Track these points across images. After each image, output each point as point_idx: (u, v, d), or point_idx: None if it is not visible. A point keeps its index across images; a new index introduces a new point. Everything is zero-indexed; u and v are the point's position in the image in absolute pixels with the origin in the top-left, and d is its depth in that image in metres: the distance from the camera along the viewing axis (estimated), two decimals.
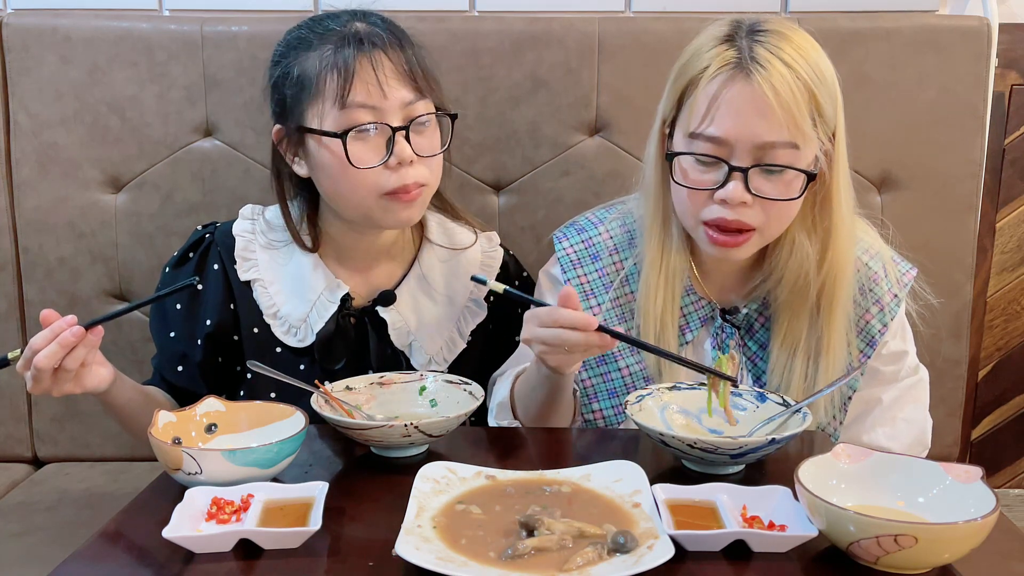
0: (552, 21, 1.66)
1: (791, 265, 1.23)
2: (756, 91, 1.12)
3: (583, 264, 1.34)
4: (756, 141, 1.13)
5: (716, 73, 1.15)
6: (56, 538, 1.43)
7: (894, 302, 1.30)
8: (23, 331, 1.71)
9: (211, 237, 1.40)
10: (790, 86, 1.12)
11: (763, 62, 1.12)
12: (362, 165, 1.24)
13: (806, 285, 1.23)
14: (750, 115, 1.13)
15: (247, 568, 0.84)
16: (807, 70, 1.13)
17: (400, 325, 1.39)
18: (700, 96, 1.16)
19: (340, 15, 1.30)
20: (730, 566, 0.84)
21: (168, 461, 0.98)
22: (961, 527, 0.80)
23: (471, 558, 0.82)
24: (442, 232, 1.45)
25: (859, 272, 1.28)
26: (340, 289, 1.36)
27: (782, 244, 1.24)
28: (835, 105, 1.18)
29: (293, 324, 1.36)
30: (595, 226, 1.36)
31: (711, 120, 1.15)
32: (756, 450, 1.00)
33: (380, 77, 1.23)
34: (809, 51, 1.15)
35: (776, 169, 1.15)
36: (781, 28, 1.17)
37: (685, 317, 1.29)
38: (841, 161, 1.21)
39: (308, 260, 1.37)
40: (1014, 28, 1.76)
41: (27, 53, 1.65)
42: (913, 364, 1.35)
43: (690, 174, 1.19)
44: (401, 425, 1.03)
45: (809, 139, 1.14)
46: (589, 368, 1.32)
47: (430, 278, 1.42)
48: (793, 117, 1.12)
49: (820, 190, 1.21)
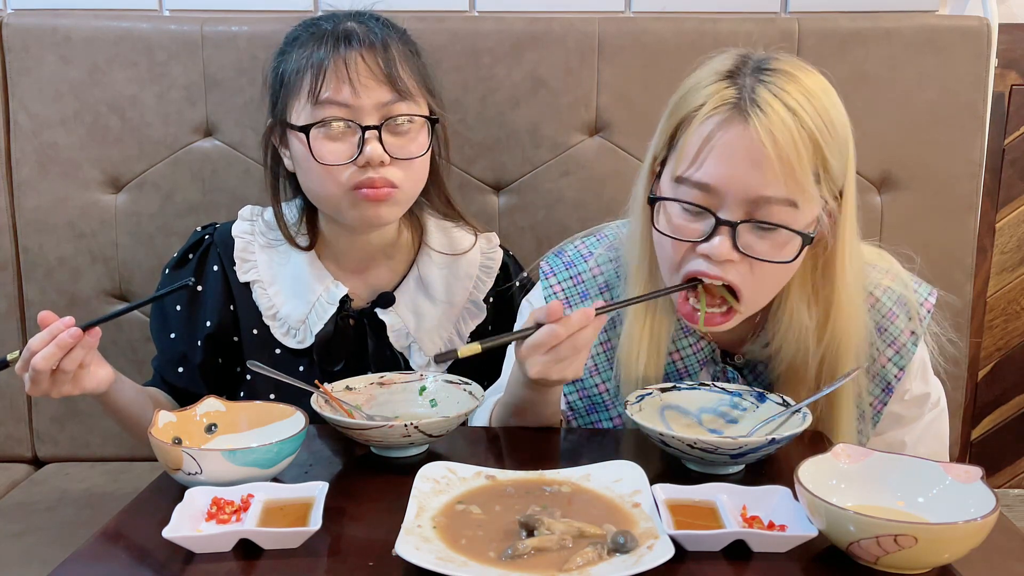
0: (552, 21, 1.66)
1: (788, 337, 1.13)
2: (753, 138, 1.00)
3: (572, 302, 1.24)
4: (749, 194, 1.02)
5: (711, 113, 1.03)
6: (56, 538, 1.43)
7: (911, 340, 1.18)
8: (23, 331, 1.71)
9: (210, 238, 1.40)
10: (792, 135, 1.00)
11: (763, 105, 1.00)
12: (329, 161, 1.24)
13: (805, 357, 1.13)
14: (744, 164, 1.01)
15: (247, 568, 0.84)
16: (814, 118, 1.01)
17: (399, 327, 1.39)
18: (692, 137, 1.05)
19: (338, 15, 1.31)
20: (730, 566, 0.84)
21: (168, 461, 0.98)
22: (961, 527, 0.80)
23: (471, 558, 0.82)
24: (441, 236, 1.45)
25: (872, 309, 1.17)
26: (339, 290, 1.37)
27: (779, 315, 1.13)
28: (844, 160, 1.06)
29: (292, 325, 1.36)
30: (584, 260, 1.26)
31: (700, 165, 1.03)
32: (756, 450, 1.00)
33: (352, 75, 1.23)
34: (819, 96, 1.03)
35: (769, 227, 1.03)
36: (791, 68, 1.05)
37: (683, 360, 1.21)
38: (848, 223, 1.08)
39: (306, 261, 1.37)
40: (1014, 28, 1.76)
41: (27, 53, 1.65)
42: (936, 399, 1.25)
43: (674, 220, 1.07)
44: (401, 425, 1.03)
45: (810, 197, 1.02)
46: (580, 416, 1.26)
47: (429, 280, 1.41)
48: (793, 171, 1.00)
49: (822, 254, 1.10)
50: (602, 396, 1.25)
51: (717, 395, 1.16)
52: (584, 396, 1.26)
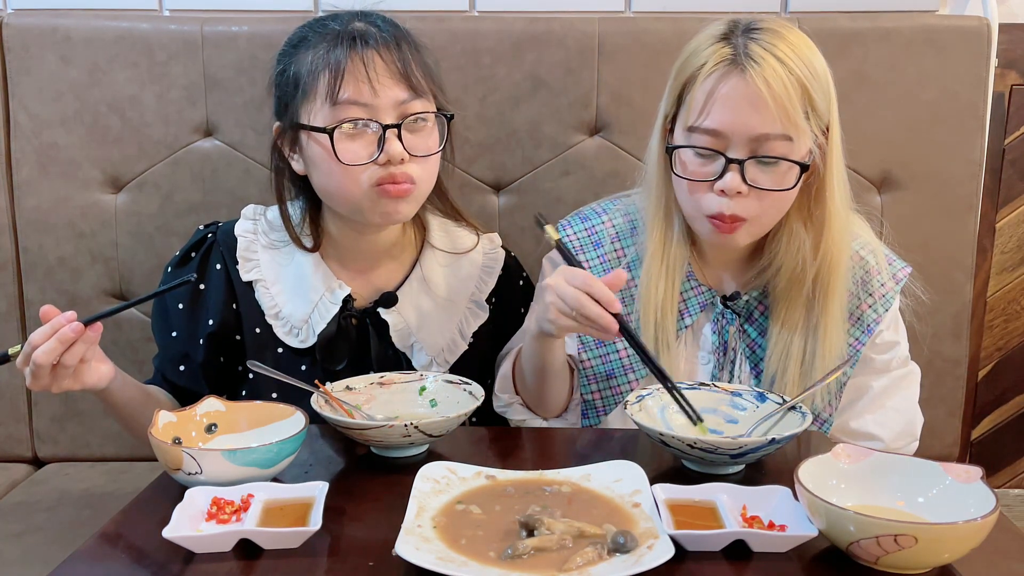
0: (552, 21, 1.66)
1: (788, 253, 1.27)
2: (750, 86, 1.16)
3: (585, 250, 1.36)
4: (751, 133, 1.17)
5: (712, 69, 1.19)
6: (56, 538, 1.43)
7: (890, 294, 1.34)
8: (23, 330, 1.71)
9: (213, 237, 1.40)
10: (783, 81, 1.15)
11: (757, 58, 1.16)
12: (351, 161, 1.24)
13: (803, 272, 1.26)
14: (745, 109, 1.17)
15: (247, 568, 0.84)
16: (800, 66, 1.17)
17: (401, 327, 1.39)
18: (698, 92, 1.20)
19: (342, 15, 1.31)
20: (730, 566, 0.84)
21: (168, 461, 0.98)
22: (961, 527, 0.80)
23: (471, 558, 0.82)
24: (444, 235, 1.45)
25: (856, 264, 1.32)
26: (342, 290, 1.36)
27: (780, 233, 1.27)
28: (828, 100, 1.21)
29: (295, 325, 1.36)
30: (598, 215, 1.39)
31: (708, 114, 1.19)
32: (756, 450, 1.00)
33: (371, 75, 1.23)
34: (803, 48, 1.19)
35: (771, 160, 1.18)
36: (776, 27, 1.20)
37: (685, 302, 1.32)
38: (835, 154, 1.24)
39: (309, 260, 1.37)
40: (1014, 28, 1.76)
41: (27, 53, 1.65)
42: (904, 356, 1.37)
43: (689, 167, 1.22)
44: (401, 425, 1.03)
45: (803, 132, 1.18)
46: (589, 349, 1.34)
47: (431, 280, 1.42)
48: (786, 110, 1.15)
49: (815, 182, 1.25)
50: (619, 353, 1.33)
51: (717, 395, 1.17)
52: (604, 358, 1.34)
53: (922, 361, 1.43)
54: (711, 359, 1.33)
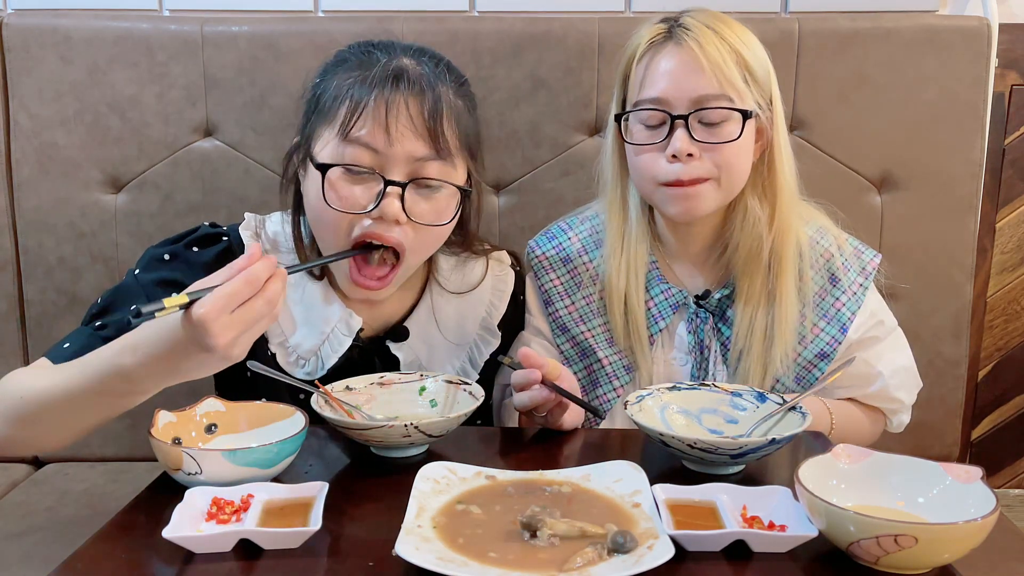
0: (552, 21, 1.66)
1: (744, 230, 1.30)
2: (685, 51, 1.22)
3: (555, 268, 1.39)
4: (691, 95, 1.22)
5: (648, 47, 1.26)
6: (56, 538, 1.43)
7: (861, 290, 1.35)
8: (23, 330, 1.71)
9: (228, 240, 1.30)
10: (716, 45, 1.21)
11: (690, 27, 1.23)
12: (339, 207, 1.16)
13: (759, 246, 1.29)
14: (682, 73, 1.22)
15: (247, 568, 0.84)
16: (731, 36, 1.23)
17: (411, 359, 1.33)
18: (637, 70, 1.27)
19: (396, 46, 1.22)
20: (730, 566, 0.84)
21: (168, 461, 0.98)
22: (961, 527, 0.80)
23: (471, 558, 0.82)
24: (452, 273, 1.37)
25: (818, 254, 1.33)
26: (355, 321, 1.28)
27: (736, 210, 1.31)
28: (767, 73, 1.27)
29: (302, 355, 1.28)
30: (564, 233, 1.41)
31: (649, 85, 1.25)
32: (756, 450, 1.00)
33: (391, 121, 1.13)
34: (734, 25, 1.25)
35: (715, 121, 1.22)
36: (709, 11, 1.27)
37: (656, 304, 1.33)
38: (781, 128, 1.29)
39: (319, 289, 1.30)
40: (1014, 28, 1.76)
41: (27, 53, 1.65)
42: (891, 323, 1.39)
43: (637, 137, 1.27)
44: (401, 425, 1.03)
45: (742, 94, 1.23)
46: (573, 363, 1.36)
47: (440, 309, 1.35)
48: (722, 70, 1.21)
49: (766, 153, 1.29)
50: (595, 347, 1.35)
51: (717, 395, 1.17)
52: (588, 369, 1.36)
53: (922, 361, 1.43)
54: (688, 359, 1.33)
